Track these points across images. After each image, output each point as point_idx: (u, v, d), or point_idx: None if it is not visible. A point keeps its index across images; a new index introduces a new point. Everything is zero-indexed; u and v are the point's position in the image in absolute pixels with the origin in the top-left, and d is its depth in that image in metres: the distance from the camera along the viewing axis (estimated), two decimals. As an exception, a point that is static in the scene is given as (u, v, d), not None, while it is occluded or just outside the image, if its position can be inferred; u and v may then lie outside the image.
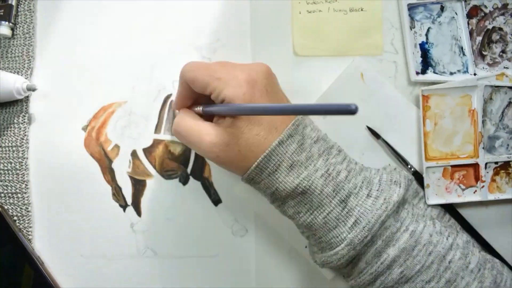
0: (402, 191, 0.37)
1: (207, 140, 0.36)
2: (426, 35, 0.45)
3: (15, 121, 0.45)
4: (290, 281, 0.46)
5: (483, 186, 0.44)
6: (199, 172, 0.45)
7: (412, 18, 0.44)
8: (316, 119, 0.41)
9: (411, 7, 0.44)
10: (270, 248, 0.45)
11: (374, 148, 0.45)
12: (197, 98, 0.40)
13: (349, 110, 0.25)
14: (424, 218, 0.39)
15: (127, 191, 0.45)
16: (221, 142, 0.36)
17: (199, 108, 0.39)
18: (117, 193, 0.45)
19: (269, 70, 0.37)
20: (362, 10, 0.45)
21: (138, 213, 0.45)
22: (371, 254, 0.36)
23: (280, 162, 0.35)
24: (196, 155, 0.45)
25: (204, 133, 0.36)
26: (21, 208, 0.45)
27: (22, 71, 0.45)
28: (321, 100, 0.44)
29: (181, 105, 0.41)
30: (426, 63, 0.45)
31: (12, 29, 0.45)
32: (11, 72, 0.45)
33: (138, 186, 0.45)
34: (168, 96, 0.45)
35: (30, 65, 0.45)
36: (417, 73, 0.44)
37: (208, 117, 0.39)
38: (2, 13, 0.44)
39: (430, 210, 0.42)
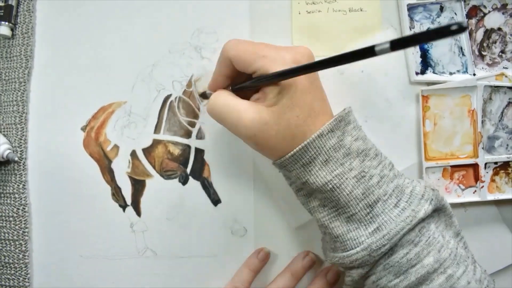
0: (431, 208, 0.36)
1: (246, 118, 0.35)
2: None
3: (14, 121, 0.45)
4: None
5: (482, 186, 0.45)
6: (199, 172, 0.45)
7: (411, 19, 0.45)
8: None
9: (411, 8, 0.45)
10: (269, 248, 0.45)
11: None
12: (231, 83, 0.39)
13: (456, 29, 0.22)
14: (466, 262, 0.37)
15: (127, 191, 0.45)
16: (260, 120, 0.34)
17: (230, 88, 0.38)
18: (117, 193, 0.45)
19: (312, 54, 0.37)
20: (361, 10, 0.45)
21: (138, 213, 0.45)
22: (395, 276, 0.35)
23: (317, 155, 0.35)
24: (196, 156, 0.45)
25: (243, 110, 0.35)
26: (18, 209, 0.44)
27: (19, 70, 0.45)
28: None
29: (218, 85, 0.40)
30: (426, 63, 0.45)
31: (12, 29, 0.45)
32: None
33: (138, 186, 0.45)
34: (168, 96, 0.45)
35: (27, 64, 0.45)
36: (417, 73, 0.44)
37: (244, 97, 0.38)
38: (2, 14, 0.44)
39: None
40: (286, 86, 0.34)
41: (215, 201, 0.45)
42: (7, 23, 0.44)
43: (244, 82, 0.37)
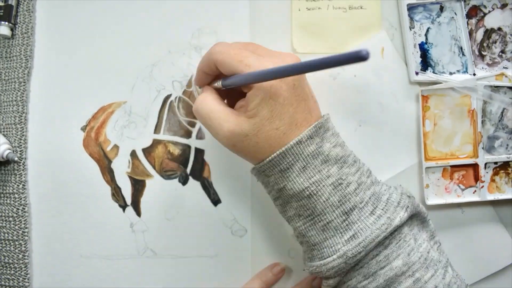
0: (406, 216, 0.36)
1: (226, 128, 0.35)
2: (426, 35, 0.45)
3: (13, 121, 0.45)
4: (290, 281, 0.46)
5: (482, 186, 0.45)
6: (199, 172, 0.45)
7: (411, 18, 0.45)
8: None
9: (411, 7, 0.45)
10: (269, 248, 0.45)
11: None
12: (218, 75, 0.39)
13: (360, 57, 0.24)
14: (437, 266, 0.37)
15: (127, 191, 0.45)
16: (240, 132, 0.35)
17: (219, 83, 0.38)
18: (117, 193, 0.45)
19: (298, 62, 0.36)
20: (361, 8, 0.45)
21: (138, 213, 0.45)
22: (362, 277, 0.36)
23: (295, 161, 0.35)
24: (196, 156, 0.45)
25: (224, 120, 0.36)
26: (17, 209, 0.44)
27: (19, 70, 0.45)
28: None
29: (203, 82, 0.40)
30: (426, 63, 0.45)
31: (12, 29, 0.45)
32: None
33: (138, 186, 0.45)
34: (168, 96, 0.45)
35: (27, 64, 0.45)
36: (417, 73, 0.44)
37: (232, 101, 0.39)
38: (2, 13, 0.44)
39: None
40: (267, 97, 0.34)
41: (215, 201, 0.45)
42: (7, 23, 0.44)
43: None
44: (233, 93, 0.40)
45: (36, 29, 0.45)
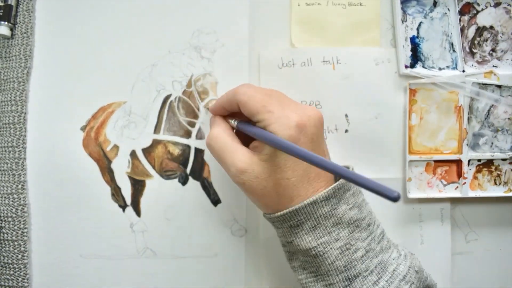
0: None
1: (239, 167, 0.35)
2: (417, 29, 0.45)
3: (12, 121, 0.45)
4: (290, 281, 0.46)
5: (464, 183, 0.45)
6: (199, 172, 0.45)
7: (404, 12, 0.45)
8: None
9: (404, 1, 0.45)
10: (269, 248, 0.46)
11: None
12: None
13: (391, 197, 0.25)
14: None
15: (126, 191, 0.45)
16: (251, 172, 0.35)
17: (234, 122, 0.39)
18: (116, 193, 0.45)
19: (321, 118, 0.36)
20: (361, 5, 0.45)
21: (138, 213, 0.45)
22: None
23: (306, 220, 0.35)
24: (196, 156, 0.45)
25: (237, 158, 0.36)
26: (16, 209, 0.44)
27: (18, 70, 0.45)
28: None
29: (219, 113, 0.40)
30: (416, 57, 0.45)
31: (11, 29, 0.45)
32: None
33: (138, 186, 0.45)
34: (168, 97, 0.45)
35: (27, 64, 0.45)
36: (406, 66, 0.45)
37: (242, 135, 0.39)
38: (1, 13, 0.44)
39: None
40: None
41: (215, 201, 0.45)
42: (6, 23, 0.44)
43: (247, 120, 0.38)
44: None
45: (36, 29, 0.45)
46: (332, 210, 0.35)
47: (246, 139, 0.38)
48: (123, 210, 0.45)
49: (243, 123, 0.38)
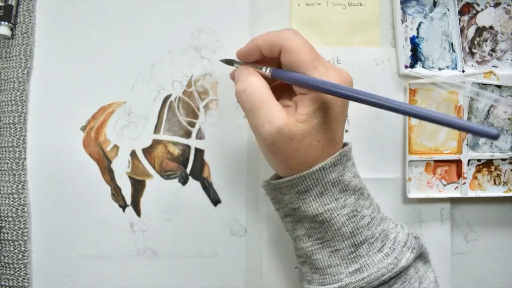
0: (412, 257, 0.36)
1: (276, 125, 0.33)
2: (417, 29, 0.45)
3: (12, 121, 0.45)
4: (290, 281, 0.46)
5: (464, 183, 0.45)
6: (199, 172, 0.45)
7: (404, 12, 0.45)
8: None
9: (404, 1, 0.45)
10: (269, 248, 0.46)
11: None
12: (265, 58, 0.37)
13: (492, 135, 0.25)
14: None
15: (127, 191, 0.45)
16: (287, 133, 0.33)
17: (267, 70, 0.36)
18: (117, 193, 0.45)
19: (352, 81, 0.36)
20: (360, 5, 0.45)
21: (138, 213, 0.45)
22: None
23: (314, 186, 0.35)
24: (196, 156, 0.45)
25: (275, 115, 0.33)
26: (17, 209, 0.44)
27: (19, 70, 0.45)
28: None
29: (248, 57, 0.38)
30: (416, 57, 0.45)
31: (12, 29, 0.45)
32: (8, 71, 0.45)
33: (138, 186, 0.45)
34: (168, 97, 0.45)
35: (27, 64, 0.45)
36: (406, 66, 0.45)
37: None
38: (2, 13, 0.44)
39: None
40: (321, 107, 0.33)
41: (215, 201, 0.45)
42: (6, 23, 0.44)
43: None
44: (275, 86, 0.38)
45: (36, 29, 0.45)
46: (340, 177, 0.35)
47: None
48: (123, 210, 0.45)
49: (283, 70, 0.35)
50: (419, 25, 0.45)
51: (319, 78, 0.33)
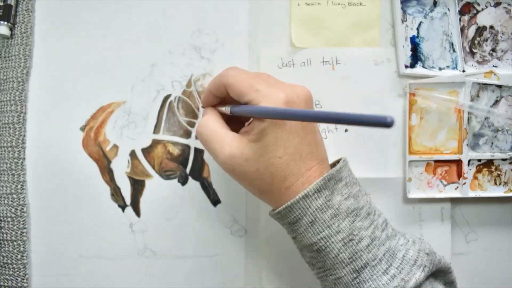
0: (423, 276, 0.34)
1: (228, 151, 0.34)
2: (418, 29, 0.45)
3: (11, 121, 0.44)
4: (290, 281, 0.46)
5: (464, 183, 0.45)
6: (198, 172, 0.45)
7: (404, 11, 0.45)
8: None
9: (404, 1, 0.45)
10: (269, 248, 0.45)
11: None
12: (225, 98, 0.39)
13: (384, 123, 0.24)
14: None
15: (126, 191, 0.45)
16: (240, 156, 0.34)
17: (227, 108, 0.37)
18: (116, 193, 0.45)
19: (309, 96, 0.36)
20: (360, 4, 0.45)
21: (137, 213, 0.45)
22: None
23: (302, 215, 0.34)
24: (195, 156, 0.45)
25: (226, 142, 0.35)
26: (16, 209, 0.44)
27: (18, 70, 0.45)
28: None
29: (209, 103, 0.40)
30: (416, 57, 0.45)
31: (11, 29, 0.45)
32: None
33: (137, 186, 0.45)
34: (167, 97, 0.45)
35: (26, 64, 0.45)
36: (406, 66, 0.45)
37: (235, 126, 0.38)
38: (1, 13, 0.44)
39: None
40: (273, 124, 0.33)
41: (215, 201, 0.45)
42: (6, 22, 0.44)
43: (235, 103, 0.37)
44: (237, 119, 0.39)
45: (36, 29, 0.45)
46: (327, 202, 0.34)
47: (238, 129, 0.38)
48: (123, 210, 0.45)
49: (236, 106, 0.37)
50: (419, 24, 0.45)
51: (262, 100, 0.33)
